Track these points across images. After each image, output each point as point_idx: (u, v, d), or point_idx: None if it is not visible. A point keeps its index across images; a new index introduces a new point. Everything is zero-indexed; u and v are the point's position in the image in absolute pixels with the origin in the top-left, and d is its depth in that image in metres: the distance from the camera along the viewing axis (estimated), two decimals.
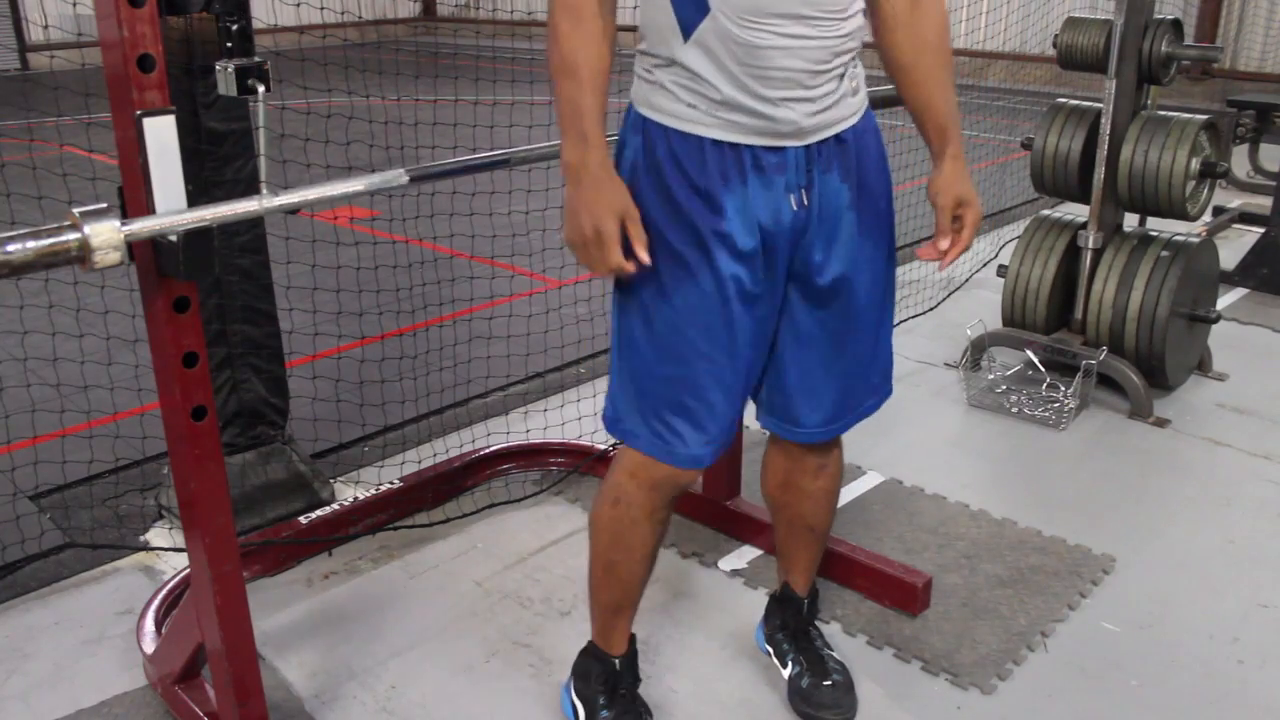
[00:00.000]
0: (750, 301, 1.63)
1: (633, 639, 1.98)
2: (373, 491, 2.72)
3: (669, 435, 1.68)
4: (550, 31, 1.51)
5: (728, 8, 1.47)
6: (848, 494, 2.86)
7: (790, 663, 2.07)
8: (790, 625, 2.10)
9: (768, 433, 1.91)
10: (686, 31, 1.50)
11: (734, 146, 1.56)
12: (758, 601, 2.41)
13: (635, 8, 1.59)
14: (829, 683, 2.01)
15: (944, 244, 1.66)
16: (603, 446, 2.96)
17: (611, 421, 1.75)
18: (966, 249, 1.68)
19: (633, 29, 1.60)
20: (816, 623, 2.16)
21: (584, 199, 1.52)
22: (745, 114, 1.53)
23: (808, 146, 1.58)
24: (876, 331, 1.79)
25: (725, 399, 1.67)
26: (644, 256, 1.56)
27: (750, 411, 1.86)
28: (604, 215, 1.51)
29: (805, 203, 1.61)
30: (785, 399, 1.79)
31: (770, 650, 2.13)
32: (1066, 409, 3.29)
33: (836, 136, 1.61)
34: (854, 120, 1.63)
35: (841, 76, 1.58)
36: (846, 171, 1.64)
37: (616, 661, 1.95)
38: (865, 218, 1.67)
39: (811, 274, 1.67)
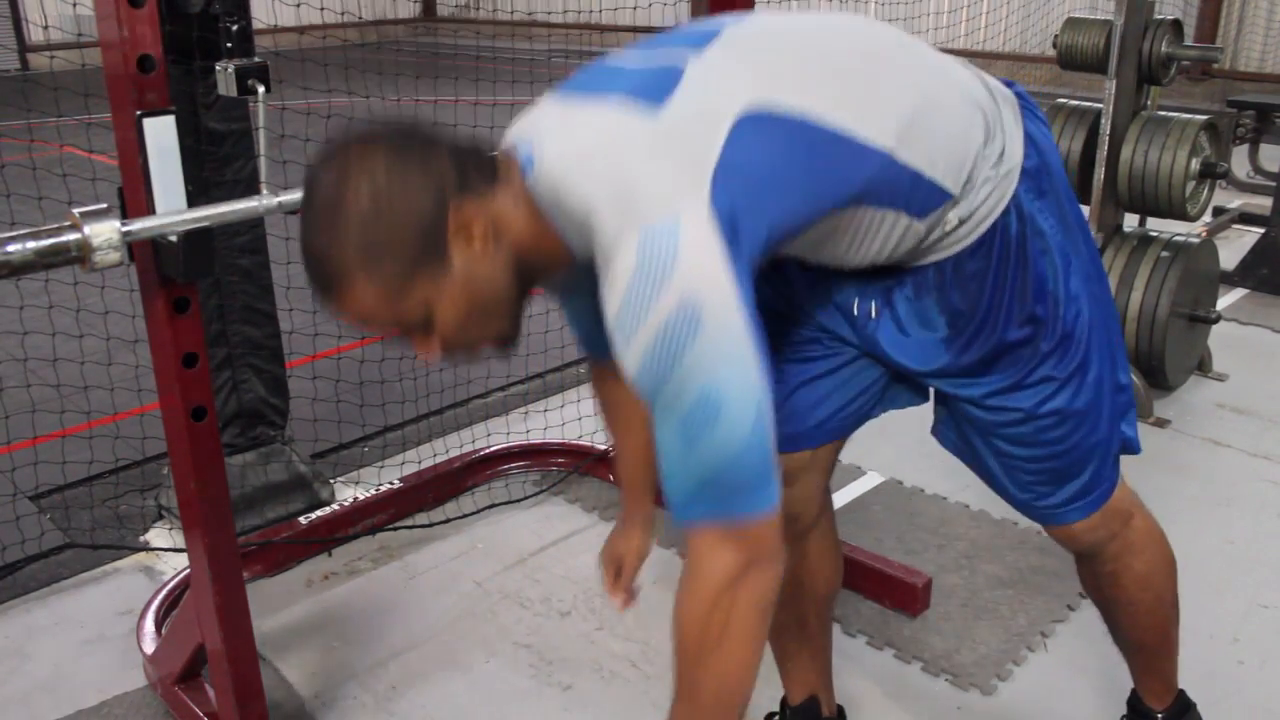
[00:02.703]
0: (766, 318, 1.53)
1: (814, 699, 1.87)
2: (373, 491, 2.73)
3: None
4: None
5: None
6: (848, 494, 2.86)
7: None
8: None
9: None
10: None
11: None
12: None
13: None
14: None
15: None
16: (603, 447, 2.96)
17: None
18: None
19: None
20: None
21: None
22: None
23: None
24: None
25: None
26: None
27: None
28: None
29: (869, 316, 1.49)
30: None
31: None
32: None
33: (935, 265, 1.40)
34: (958, 249, 1.38)
35: (919, 243, 1.37)
36: (942, 294, 1.43)
37: (787, 707, 1.90)
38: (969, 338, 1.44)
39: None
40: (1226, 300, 4.28)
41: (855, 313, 1.49)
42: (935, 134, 1.28)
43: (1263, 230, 4.65)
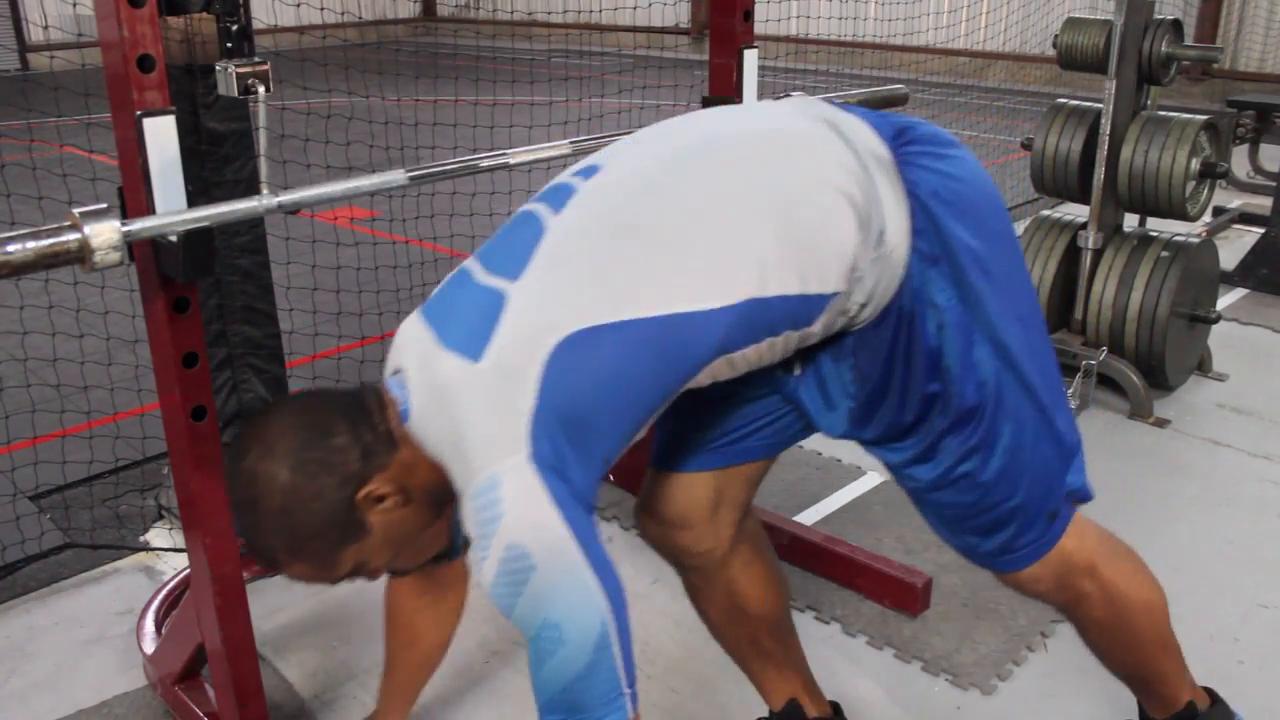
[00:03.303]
0: None
1: (794, 702, 1.86)
2: None
3: None
4: None
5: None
6: (847, 494, 2.86)
7: None
8: None
9: None
10: None
11: None
12: None
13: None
14: None
15: None
16: None
17: None
18: None
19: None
20: None
21: None
22: None
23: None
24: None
25: None
26: None
27: None
28: None
29: (793, 374, 1.49)
30: None
31: None
32: None
33: (851, 334, 1.40)
34: (865, 325, 1.38)
35: (822, 335, 1.38)
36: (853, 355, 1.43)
37: (770, 714, 1.90)
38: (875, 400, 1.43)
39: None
40: (1226, 300, 4.28)
41: (780, 371, 1.49)
42: (804, 249, 1.27)
43: (1263, 230, 4.65)
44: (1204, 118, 3.33)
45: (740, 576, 1.72)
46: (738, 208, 1.27)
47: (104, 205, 1.46)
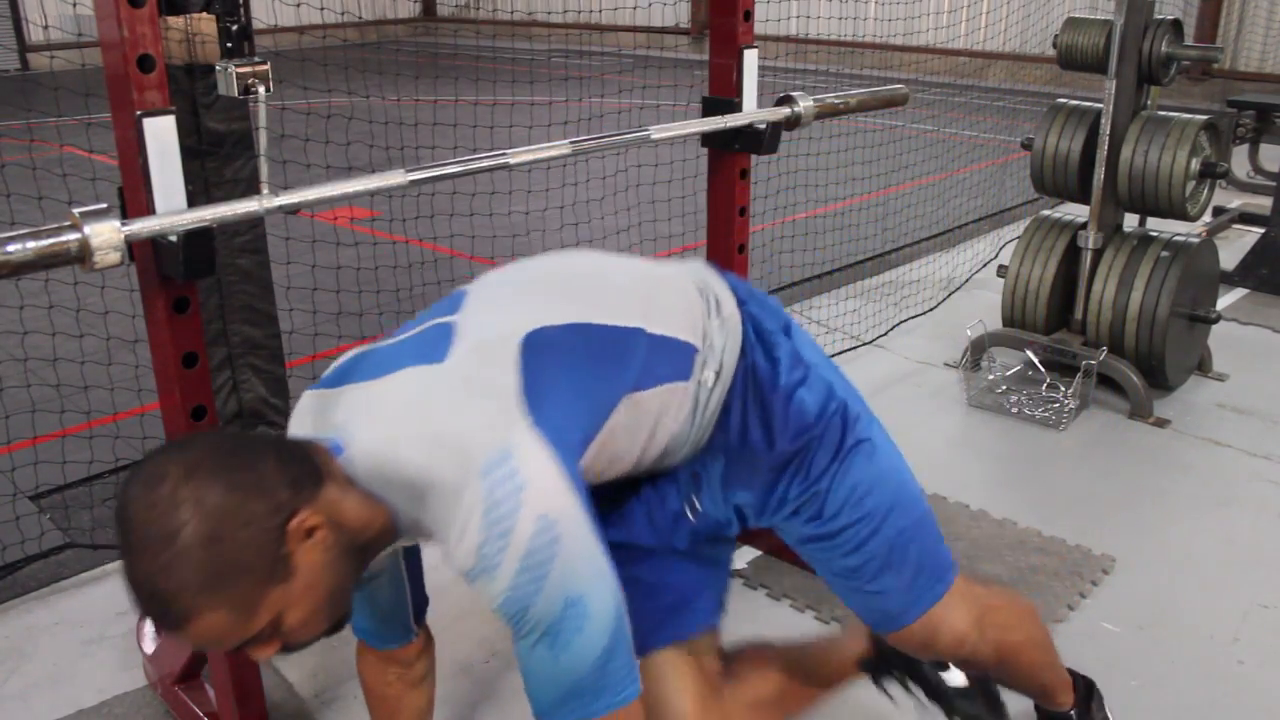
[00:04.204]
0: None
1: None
2: None
3: None
4: None
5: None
6: None
7: None
8: None
9: None
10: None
11: None
12: (758, 601, 2.41)
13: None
14: None
15: None
16: None
17: None
18: None
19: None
20: None
21: None
22: None
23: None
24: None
25: None
26: None
27: None
28: None
29: (696, 511, 1.56)
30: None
31: None
32: (1066, 409, 3.29)
33: (717, 427, 1.50)
34: (721, 400, 1.49)
35: (694, 409, 1.46)
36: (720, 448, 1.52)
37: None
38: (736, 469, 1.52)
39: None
40: (1226, 300, 4.29)
41: (674, 519, 1.56)
42: (665, 302, 1.45)
43: (1263, 230, 4.65)
44: (1204, 118, 3.33)
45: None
46: (613, 273, 1.50)
47: (104, 205, 1.47)
